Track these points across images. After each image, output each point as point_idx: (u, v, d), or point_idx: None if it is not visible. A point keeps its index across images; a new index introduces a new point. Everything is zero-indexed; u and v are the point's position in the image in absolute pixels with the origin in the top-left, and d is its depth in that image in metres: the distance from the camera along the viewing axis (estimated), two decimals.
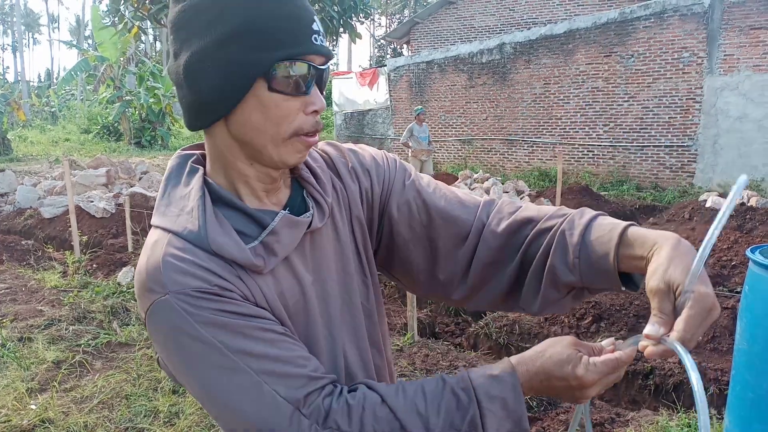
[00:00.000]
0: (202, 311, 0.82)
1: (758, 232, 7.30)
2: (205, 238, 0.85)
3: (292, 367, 0.85)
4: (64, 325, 4.75)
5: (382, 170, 1.09)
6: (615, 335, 4.54)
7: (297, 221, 0.93)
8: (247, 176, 0.93)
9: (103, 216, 8.39)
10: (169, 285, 0.82)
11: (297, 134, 0.88)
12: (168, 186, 0.94)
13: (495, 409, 0.86)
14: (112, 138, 21.01)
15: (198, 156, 0.99)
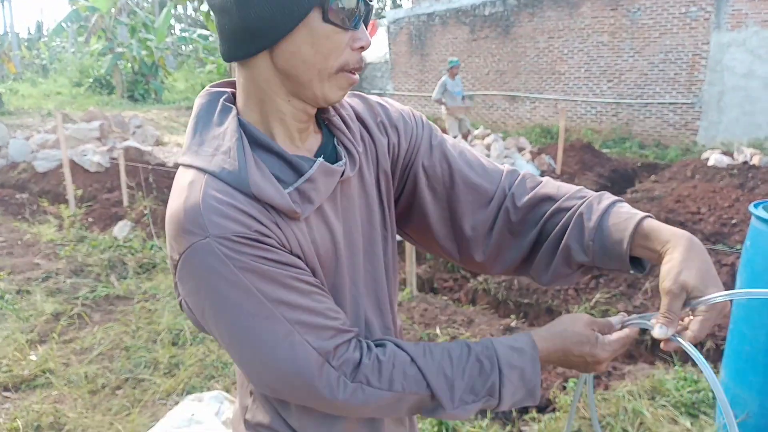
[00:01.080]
0: (242, 257, 0.80)
1: (760, 191, 7.27)
2: (246, 180, 0.82)
3: (323, 318, 0.86)
4: (62, 278, 4.74)
5: (410, 128, 1.08)
6: (612, 290, 4.54)
7: (332, 169, 0.91)
8: (284, 114, 0.89)
9: (97, 170, 8.31)
10: (210, 228, 0.79)
11: (343, 69, 0.86)
12: (198, 125, 0.90)
13: (513, 378, 0.92)
14: (104, 91, 20.69)
15: (229, 94, 0.94)
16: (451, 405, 0.91)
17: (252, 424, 1.03)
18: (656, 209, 6.25)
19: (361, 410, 0.91)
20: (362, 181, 1.01)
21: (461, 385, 0.91)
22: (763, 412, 2.55)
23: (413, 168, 1.07)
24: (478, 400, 0.92)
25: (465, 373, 0.91)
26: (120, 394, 3.36)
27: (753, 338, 2.59)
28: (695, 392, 3.12)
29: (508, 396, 0.92)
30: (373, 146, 1.03)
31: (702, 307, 0.84)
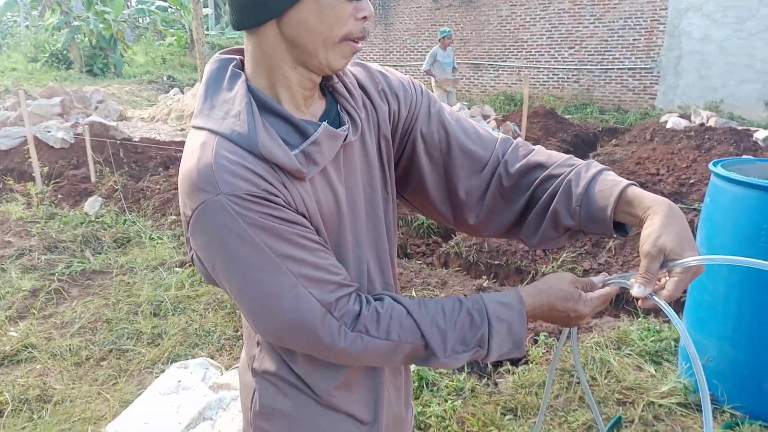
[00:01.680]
0: (251, 213, 0.85)
1: (716, 151, 7.55)
2: (255, 142, 0.88)
3: (326, 273, 0.92)
4: (36, 255, 4.71)
5: (409, 95, 1.13)
6: (578, 250, 4.73)
7: (336, 133, 0.97)
8: (290, 81, 0.94)
9: (62, 146, 8.14)
10: (221, 186, 0.85)
11: (347, 38, 0.91)
12: (209, 90, 0.95)
13: (501, 330, 0.98)
14: (62, 66, 20.03)
15: (238, 61, 0.99)
16: (444, 354, 0.96)
17: (259, 372, 1.10)
18: (617, 171, 6.45)
19: (360, 358, 0.96)
20: (364, 146, 1.06)
21: (453, 335, 0.97)
22: (722, 355, 2.75)
23: (412, 134, 1.12)
24: (469, 351, 0.98)
25: (457, 325, 0.97)
26: (105, 365, 3.41)
27: (713, 289, 2.77)
28: (658, 341, 3.32)
29: (495, 347, 0.98)
30: (375, 113, 1.08)
31: (678, 269, 0.91)
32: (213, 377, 3.31)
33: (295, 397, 1.07)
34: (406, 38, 15.17)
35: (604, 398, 2.89)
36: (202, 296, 4.11)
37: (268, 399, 1.09)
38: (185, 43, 23.63)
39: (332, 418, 1.09)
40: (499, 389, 3.08)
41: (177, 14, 23.04)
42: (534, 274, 4.59)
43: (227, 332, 3.68)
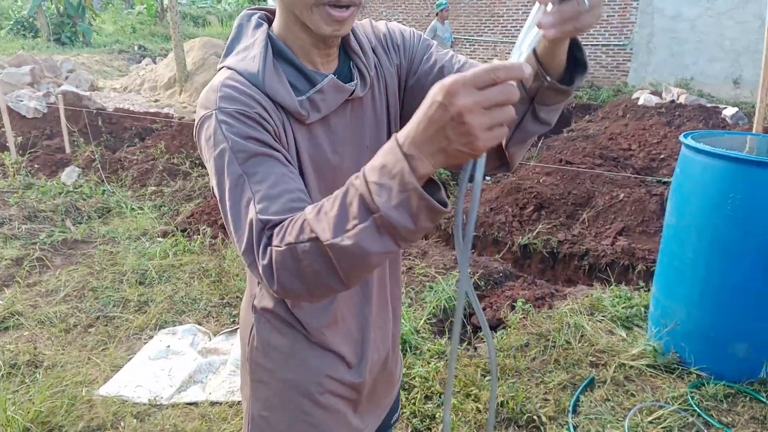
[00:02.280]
0: (237, 128, 0.93)
1: (686, 127, 7.76)
2: (262, 81, 0.98)
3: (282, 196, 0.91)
4: (16, 224, 4.69)
5: (409, 45, 1.20)
6: (553, 221, 4.88)
7: (342, 86, 1.05)
8: (303, 41, 1.03)
9: (34, 116, 8.00)
10: (219, 103, 0.95)
11: (319, 4, 0.95)
12: (236, 36, 1.07)
13: (382, 179, 0.78)
14: (28, 34, 19.47)
15: (263, 13, 1.10)
16: (327, 233, 0.81)
17: (258, 309, 1.19)
18: (591, 146, 6.63)
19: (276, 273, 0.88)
20: (373, 102, 1.14)
21: (334, 211, 0.82)
22: (689, 319, 2.91)
23: (411, 81, 1.18)
24: (359, 220, 0.79)
25: (337, 201, 0.82)
26: (93, 332, 3.46)
27: (681, 255, 2.92)
28: (629, 308, 3.48)
29: (384, 201, 0.77)
30: (383, 71, 1.16)
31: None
32: (201, 342, 3.39)
33: (289, 334, 1.17)
34: (382, 10, 15.08)
35: (578, 361, 3.05)
36: (186, 265, 4.16)
37: (264, 334, 1.19)
38: (155, 12, 23.10)
39: (321, 355, 1.18)
40: (478, 353, 3.21)
41: None
42: (510, 245, 4.74)
43: (213, 300, 3.75)
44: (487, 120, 0.71)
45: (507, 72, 0.71)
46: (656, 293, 3.16)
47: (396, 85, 1.18)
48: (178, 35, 10.43)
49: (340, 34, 1.00)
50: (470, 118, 0.70)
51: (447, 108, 0.71)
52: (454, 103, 0.70)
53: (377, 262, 0.84)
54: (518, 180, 5.55)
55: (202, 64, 11.06)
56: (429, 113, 0.73)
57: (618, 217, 4.81)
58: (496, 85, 0.71)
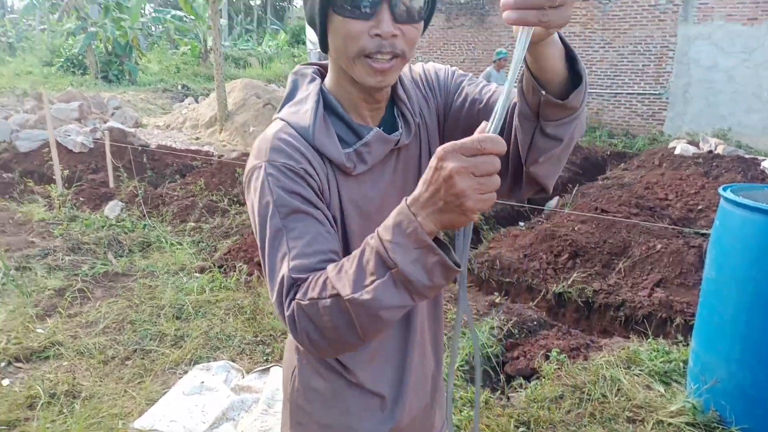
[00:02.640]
0: (282, 182, 0.99)
1: (724, 179, 7.66)
2: (312, 135, 1.04)
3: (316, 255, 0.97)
4: (60, 255, 4.84)
5: (443, 84, 1.23)
6: (588, 270, 4.84)
7: (387, 138, 1.10)
8: (351, 94, 1.08)
9: (80, 150, 8.31)
10: (269, 155, 1.01)
11: (361, 55, 0.98)
12: (292, 91, 1.14)
13: (396, 238, 0.85)
14: (77, 71, 20.31)
15: (317, 68, 1.17)
16: (347, 289, 0.87)
17: (301, 351, 1.21)
18: (627, 195, 6.58)
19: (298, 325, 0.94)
20: (419, 147, 1.18)
21: (353, 268, 0.89)
22: (731, 377, 2.84)
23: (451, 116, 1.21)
24: (376, 276, 0.86)
25: (356, 259, 0.90)
26: (130, 364, 3.52)
27: (721, 310, 2.87)
28: (667, 362, 3.41)
29: (402, 258, 0.84)
30: (424, 113, 1.20)
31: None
32: (235, 379, 3.42)
33: (329, 377, 1.19)
34: (418, 56, 15.38)
35: (615, 416, 2.99)
36: (222, 302, 4.23)
37: (305, 377, 1.21)
38: (199, 53, 23.93)
39: (360, 395, 1.19)
40: (511, 403, 3.17)
41: (191, 24, 23.34)
42: (545, 293, 4.70)
43: (247, 337, 3.79)
44: (474, 184, 0.79)
45: (492, 144, 0.79)
46: (695, 348, 3.09)
47: (436, 126, 1.22)
48: (220, 76, 10.79)
49: (385, 85, 1.03)
50: (459, 180, 0.78)
51: (440, 171, 0.80)
52: (445, 167, 0.79)
53: (393, 317, 0.89)
54: (553, 227, 5.53)
55: (243, 104, 11.38)
56: (427, 176, 0.83)
57: (655, 268, 4.75)
58: (483, 154, 0.79)
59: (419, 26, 1.01)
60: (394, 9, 0.95)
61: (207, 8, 16.39)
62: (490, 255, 5.18)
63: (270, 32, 33.75)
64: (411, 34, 0.99)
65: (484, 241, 5.93)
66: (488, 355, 3.61)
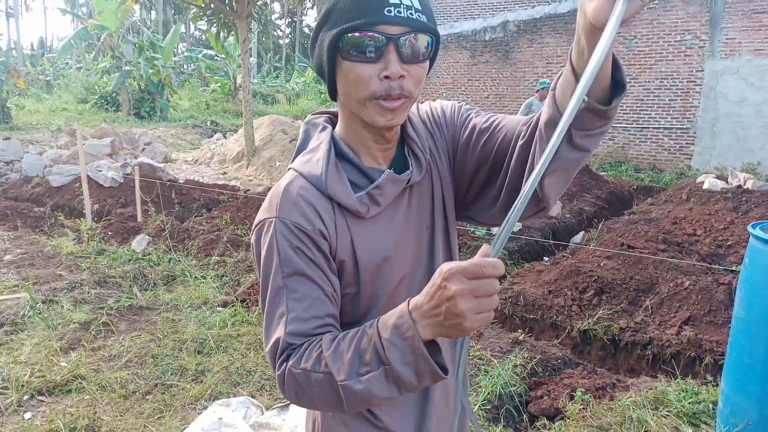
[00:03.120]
0: (290, 241, 1.02)
1: (753, 214, 7.51)
2: (325, 184, 1.06)
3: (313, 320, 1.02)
4: (87, 289, 4.91)
5: (450, 119, 1.23)
6: (614, 307, 4.74)
7: (398, 178, 1.11)
8: (363, 138, 1.10)
9: (111, 185, 8.50)
10: (279, 211, 1.04)
11: (372, 98, 1.00)
12: (304, 140, 1.17)
13: (394, 339, 0.90)
14: (110, 108, 20.95)
15: (327, 117, 1.20)
16: (342, 375, 0.93)
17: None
18: (654, 231, 6.48)
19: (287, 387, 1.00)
20: (431, 183, 1.19)
21: (349, 354, 0.94)
22: (762, 420, 2.74)
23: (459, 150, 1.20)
24: (372, 369, 0.92)
25: (353, 345, 0.95)
26: (150, 399, 3.53)
27: (752, 350, 2.78)
28: (696, 403, 3.31)
29: (397, 358, 0.90)
30: (433, 150, 1.20)
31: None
32: (254, 416, 3.40)
33: (354, 423, 1.17)
34: (443, 92, 15.53)
35: None
36: (243, 336, 4.24)
37: (327, 425, 1.20)
38: (228, 90, 24.52)
39: None
40: None
41: (222, 62, 23.98)
42: (569, 330, 4.61)
43: (267, 373, 3.78)
44: (475, 305, 0.83)
45: (493, 270, 0.83)
46: (725, 389, 3.00)
47: (446, 161, 1.22)
48: (248, 112, 11.01)
49: (395, 124, 1.05)
50: (461, 302, 0.83)
51: (443, 290, 0.84)
52: (449, 287, 0.83)
53: (379, 403, 0.95)
54: (578, 263, 5.45)
55: (270, 140, 11.57)
56: (431, 290, 0.87)
57: (683, 305, 4.64)
58: (484, 277, 0.83)
59: (425, 65, 1.03)
60: (401, 50, 0.98)
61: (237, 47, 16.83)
62: (514, 291, 5.11)
63: (298, 69, 34.47)
64: (417, 73, 1.02)
65: (508, 276, 5.87)
66: (511, 394, 3.53)
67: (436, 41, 1.03)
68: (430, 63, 1.05)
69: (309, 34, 50.98)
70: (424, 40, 1.00)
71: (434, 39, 1.02)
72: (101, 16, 18.82)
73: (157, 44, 20.68)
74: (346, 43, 0.98)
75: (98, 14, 19.03)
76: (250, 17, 11.24)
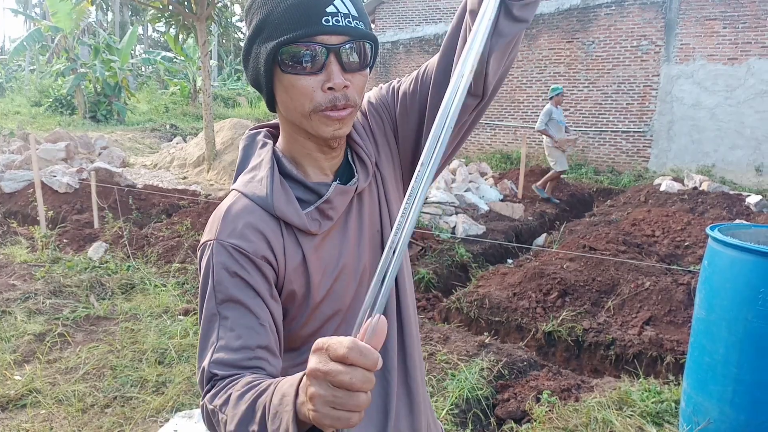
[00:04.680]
0: (227, 264, 0.98)
1: (709, 215, 7.72)
2: (271, 204, 1.01)
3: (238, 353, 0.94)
4: (41, 299, 4.73)
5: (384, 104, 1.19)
6: (578, 308, 4.80)
7: (345, 189, 1.07)
8: (309, 149, 1.06)
9: (66, 191, 8.25)
10: (219, 233, 0.99)
11: (317, 110, 0.97)
12: (244, 159, 1.12)
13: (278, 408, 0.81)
14: (65, 111, 20.37)
15: (266, 131, 1.14)
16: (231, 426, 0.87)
17: None
18: (614, 232, 6.60)
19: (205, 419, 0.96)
20: (382, 183, 1.15)
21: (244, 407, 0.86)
22: (723, 418, 2.79)
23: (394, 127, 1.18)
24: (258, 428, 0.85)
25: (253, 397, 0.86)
26: (109, 412, 3.41)
27: (712, 350, 2.84)
28: (659, 402, 3.36)
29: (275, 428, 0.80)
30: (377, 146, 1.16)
31: None
32: None
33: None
34: None
35: None
36: None
37: None
38: (188, 92, 24.12)
39: None
40: None
41: (181, 65, 23.58)
42: (534, 332, 4.65)
43: None
44: (328, 395, 0.69)
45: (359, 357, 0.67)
46: (687, 389, 3.05)
47: (391, 156, 1.19)
48: (209, 116, 10.83)
49: (342, 134, 1.02)
50: (313, 382, 0.71)
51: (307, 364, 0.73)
52: (310, 359, 0.72)
53: None
54: (541, 265, 5.51)
55: (231, 143, 11.40)
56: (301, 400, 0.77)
57: (644, 305, 4.73)
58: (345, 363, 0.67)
59: (366, 73, 1.01)
60: (342, 60, 0.95)
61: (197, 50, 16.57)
62: (479, 294, 5.13)
63: None
64: (360, 81, 1.00)
65: (473, 279, 5.90)
66: (478, 397, 3.53)
67: (375, 47, 1.01)
68: (370, 69, 1.03)
69: None
70: (364, 47, 0.98)
71: (373, 45, 1.00)
72: (55, 17, 18.27)
73: (114, 46, 20.21)
74: (285, 56, 0.95)
75: (52, 15, 18.47)
76: (210, 19, 11.06)
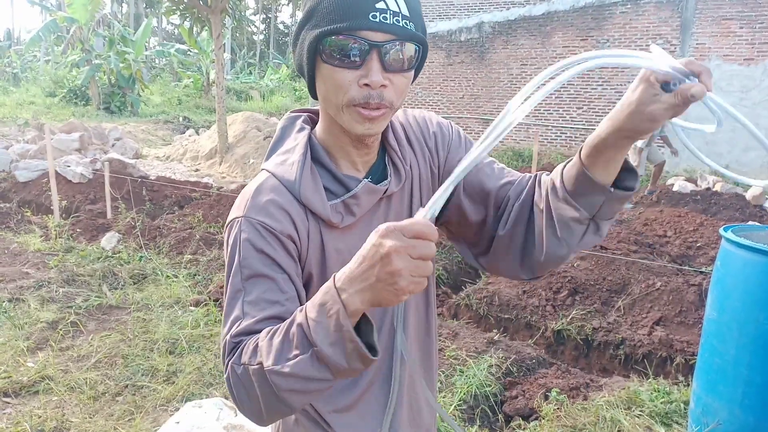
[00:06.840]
0: (254, 240, 0.98)
1: (722, 216, 7.66)
2: (298, 189, 1.02)
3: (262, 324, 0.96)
4: (54, 287, 4.79)
5: (447, 136, 1.20)
6: (588, 307, 4.79)
7: (375, 188, 1.07)
8: (343, 142, 1.05)
9: (79, 181, 8.32)
10: (248, 210, 1.00)
11: (350, 104, 0.95)
12: (280, 140, 1.12)
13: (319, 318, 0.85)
14: (79, 102, 20.51)
15: (307, 116, 1.15)
16: (270, 360, 0.87)
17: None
18: (626, 232, 6.57)
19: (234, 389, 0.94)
20: (410, 194, 1.15)
21: (278, 340, 0.88)
22: (733, 419, 2.78)
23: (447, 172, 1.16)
24: (299, 351, 0.86)
25: (282, 330, 0.89)
26: (120, 401, 3.45)
27: (723, 352, 2.83)
28: (668, 403, 3.35)
29: (323, 339, 0.84)
30: (417, 160, 1.16)
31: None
32: (227, 418, 3.34)
33: (309, 427, 1.14)
34: (418, 91, 15.55)
35: None
36: (216, 336, 4.17)
37: (288, 426, 1.17)
38: (201, 85, 24.21)
39: None
40: None
41: (195, 57, 23.66)
42: (544, 330, 4.64)
43: None
44: (410, 266, 0.78)
45: (430, 231, 0.80)
46: (697, 390, 3.04)
47: (429, 175, 1.18)
48: (221, 109, 10.88)
49: (373, 133, 1.00)
50: (396, 259, 0.78)
51: (378, 248, 0.79)
52: (384, 244, 0.79)
53: (317, 389, 0.89)
54: None
55: (243, 137, 11.44)
56: (363, 251, 0.82)
57: (655, 306, 4.71)
58: (422, 238, 0.79)
59: (409, 75, 0.98)
60: (384, 58, 0.93)
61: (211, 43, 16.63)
62: (489, 291, 5.13)
63: (272, 66, 34.23)
64: (400, 83, 0.97)
65: (483, 276, 5.90)
66: (486, 394, 3.54)
67: (423, 50, 0.99)
68: (415, 73, 1.01)
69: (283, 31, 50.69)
70: (410, 48, 0.95)
71: (421, 48, 0.97)
72: (71, 8, 18.39)
73: (128, 38, 20.33)
74: (327, 46, 0.94)
75: (68, 6, 18.60)
76: (224, 12, 11.10)
